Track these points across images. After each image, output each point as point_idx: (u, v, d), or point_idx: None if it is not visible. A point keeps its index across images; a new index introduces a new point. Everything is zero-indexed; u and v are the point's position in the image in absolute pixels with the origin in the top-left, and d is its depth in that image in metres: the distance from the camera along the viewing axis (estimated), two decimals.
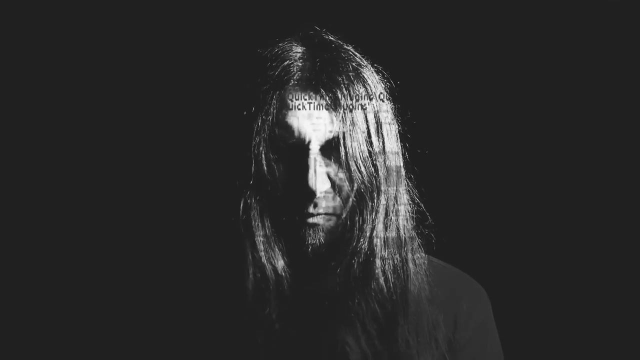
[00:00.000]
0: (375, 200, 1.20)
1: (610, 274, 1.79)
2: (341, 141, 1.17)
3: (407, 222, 1.24)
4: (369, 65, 1.25)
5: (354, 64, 1.22)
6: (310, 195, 1.16)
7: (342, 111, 1.17)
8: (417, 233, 1.26)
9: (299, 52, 1.22)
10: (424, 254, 1.27)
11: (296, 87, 1.18)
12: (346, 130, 1.17)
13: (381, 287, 1.19)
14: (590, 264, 1.80)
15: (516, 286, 1.78)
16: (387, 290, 1.19)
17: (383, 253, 1.20)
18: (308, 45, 1.23)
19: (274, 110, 1.17)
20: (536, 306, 1.81)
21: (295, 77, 1.19)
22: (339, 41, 1.25)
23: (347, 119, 1.17)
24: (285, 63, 1.20)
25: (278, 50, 1.22)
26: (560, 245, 1.82)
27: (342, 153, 1.17)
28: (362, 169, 1.18)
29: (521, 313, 1.77)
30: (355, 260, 1.18)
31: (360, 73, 1.22)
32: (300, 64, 1.20)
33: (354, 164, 1.18)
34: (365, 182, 1.18)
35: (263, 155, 1.17)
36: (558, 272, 1.82)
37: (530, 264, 1.82)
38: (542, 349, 1.80)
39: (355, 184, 1.18)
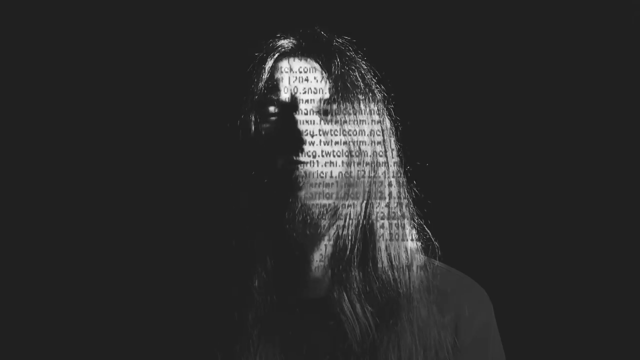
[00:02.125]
0: (370, 170, 1.19)
1: (610, 274, 1.78)
2: (333, 101, 1.17)
3: (407, 212, 1.22)
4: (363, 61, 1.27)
5: (347, 52, 1.24)
6: (298, 138, 1.13)
7: (334, 74, 1.18)
8: (418, 234, 1.25)
9: (293, 38, 1.26)
10: (425, 256, 1.26)
11: (287, 52, 1.22)
12: (338, 94, 1.17)
13: (383, 266, 1.17)
14: (590, 267, 1.79)
15: (518, 289, 1.77)
16: (390, 279, 1.17)
17: (381, 231, 1.18)
18: (301, 38, 1.26)
19: (265, 76, 1.19)
20: (538, 309, 1.79)
21: (287, 47, 1.22)
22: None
23: (339, 83, 1.17)
24: (279, 39, 1.24)
25: (270, 40, 1.25)
26: (561, 247, 1.80)
27: (334, 111, 1.17)
28: (354, 128, 1.17)
29: (523, 316, 1.75)
30: (348, 224, 1.16)
31: (354, 57, 1.24)
32: (295, 40, 1.24)
33: (345, 123, 1.17)
34: (359, 145, 1.17)
35: (252, 120, 1.17)
36: (560, 274, 1.80)
37: (532, 266, 1.80)
38: (543, 351, 1.78)
39: (346, 145, 1.17)
